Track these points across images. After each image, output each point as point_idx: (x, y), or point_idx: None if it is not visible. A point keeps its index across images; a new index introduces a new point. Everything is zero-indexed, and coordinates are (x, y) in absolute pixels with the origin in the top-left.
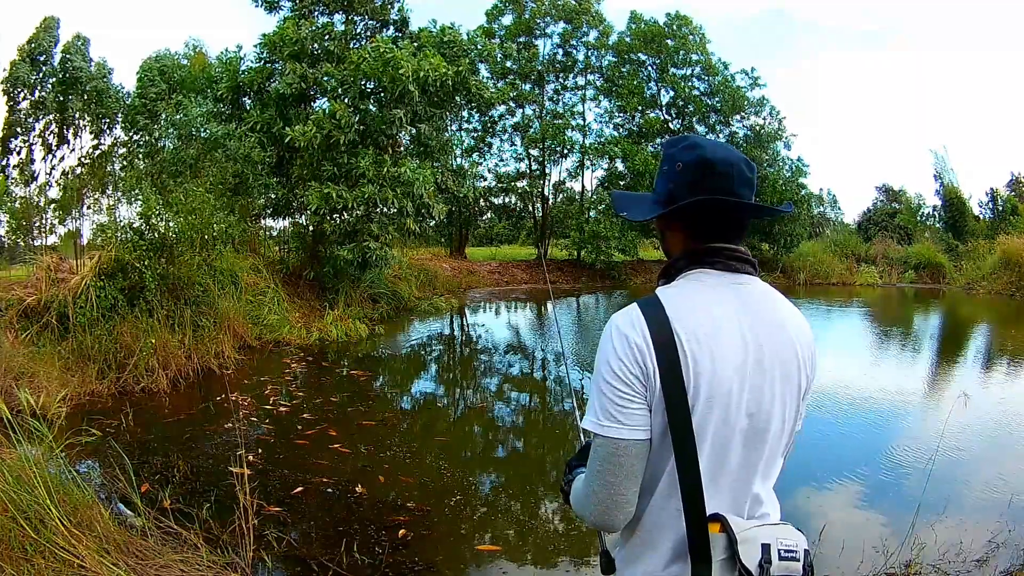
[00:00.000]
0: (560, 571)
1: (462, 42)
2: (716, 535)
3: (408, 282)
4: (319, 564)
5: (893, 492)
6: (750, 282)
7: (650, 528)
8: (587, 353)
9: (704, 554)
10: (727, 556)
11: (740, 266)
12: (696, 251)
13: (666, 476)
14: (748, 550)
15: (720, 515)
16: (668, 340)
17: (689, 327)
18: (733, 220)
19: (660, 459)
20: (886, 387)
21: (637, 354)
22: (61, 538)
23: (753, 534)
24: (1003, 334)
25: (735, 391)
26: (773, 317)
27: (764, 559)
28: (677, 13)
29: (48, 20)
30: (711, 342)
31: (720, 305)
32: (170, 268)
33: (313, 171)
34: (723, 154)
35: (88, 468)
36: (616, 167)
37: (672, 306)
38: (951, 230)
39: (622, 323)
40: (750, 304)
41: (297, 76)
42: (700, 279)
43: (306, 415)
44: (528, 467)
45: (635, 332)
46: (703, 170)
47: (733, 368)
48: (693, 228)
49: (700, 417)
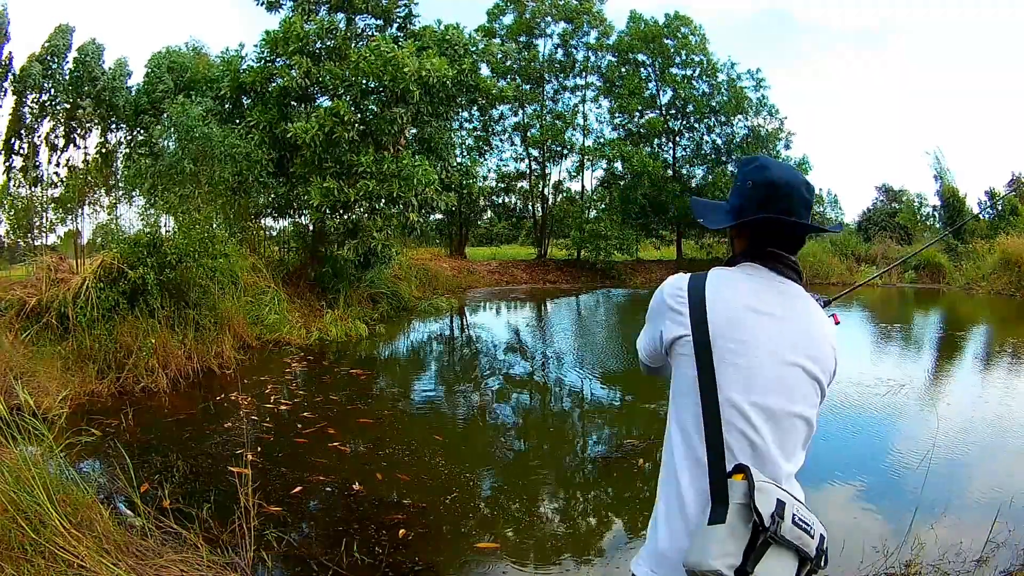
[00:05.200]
0: (560, 570)
1: (464, 41)
2: (737, 482)
3: (408, 282)
4: (319, 564)
5: (892, 492)
6: (791, 286)
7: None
8: (588, 351)
9: (723, 495)
10: (744, 503)
11: (786, 271)
12: (755, 253)
13: (693, 421)
14: (763, 499)
15: (745, 466)
16: (699, 302)
17: (726, 297)
18: (789, 235)
19: (691, 405)
20: (886, 387)
21: (664, 310)
22: (61, 538)
23: (771, 488)
24: (1003, 334)
25: (763, 358)
26: (803, 317)
27: (777, 512)
28: (677, 13)
29: (62, 27)
30: (742, 314)
31: (756, 293)
32: (172, 273)
33: (314, 168)
34: (787, 177)
35: (88, 468)
36: (616, 167)
37: (714, 276)
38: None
39: (668, 284)
40: (785, 301)
41: (302, 71)
42: (748, 270)
43: (306, 414)
44: (527, 465)
45: (672, 293)
46: (769, 191)
47: (755, 338)
48: (757, 238)
49: (728, 369)
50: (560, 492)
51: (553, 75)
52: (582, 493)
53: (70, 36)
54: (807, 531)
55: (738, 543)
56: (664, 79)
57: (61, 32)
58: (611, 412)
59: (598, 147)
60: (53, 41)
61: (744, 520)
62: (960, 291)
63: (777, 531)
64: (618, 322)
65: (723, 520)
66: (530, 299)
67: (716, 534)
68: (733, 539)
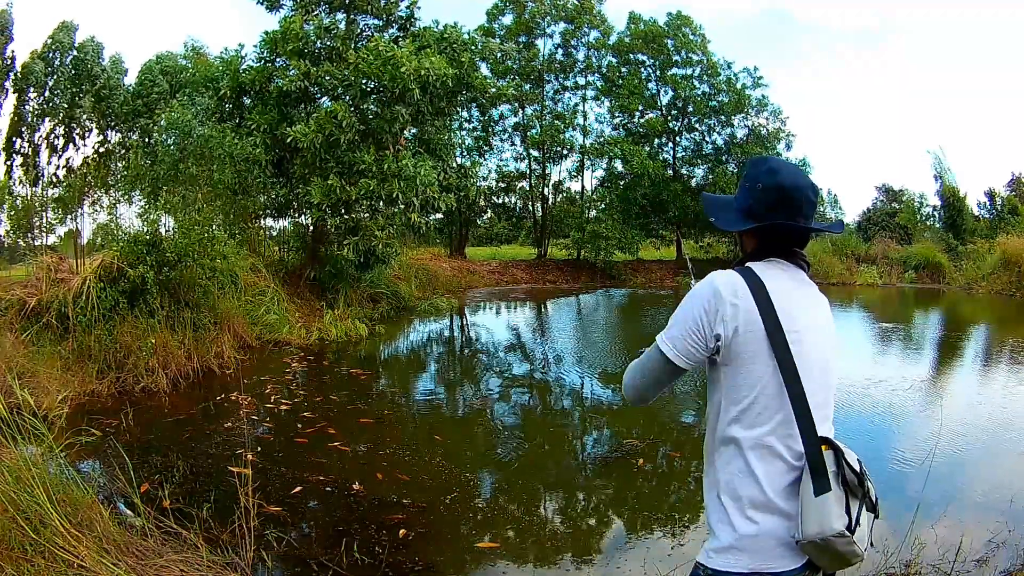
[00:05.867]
0: (560, 569)
1: (464, 41)
2: (827, 452)
3: (408, 282)
4: (319, 564)
5: (893, 492)
6: (805, 278)
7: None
8: (588, 351)
9: (821, 468)
10: (836, 470)
11: (804, 266)
12: (776, 250)
13: (779, 414)
14: (853, 462)
15: (827, 438)
16: (765, 298)
17: (777, 289)
18: (796, 236)
19: (779, 395)
20: (886, 386)
21: (721, 308)
22: (61, 538)
23: (850, 452)
24: (1003, 334)
25: (811, 344)
26: (817, 303)
27: (862, 470)
28: (678, 13)
29: (66, 24)
30: (792, 304)
31: (792, 281)
32: (172, 273)
33: (314, 169)
34: (795, 182)
35: (88, 468)
36: (616, 167)
37: (762, 272)
38: (951, 230)
39: (721, 282)
40: (804, 289)
41: (300, 73)
42: (781, 266)
43: (306, 414)
44: (527, 465)
45: (730, 291)
46: (779, 194)
47: (810, 331)
48: (768, 238)
49: (802, 359)
50: (560, 492)
51: (553, 75)
52: (582, 493)
53: (73, 34)
54: (869, 479)
55: (842, 504)
56: (664, 79)
57: (64, 29)
58: (611, 412)
59: (599, 146)
60: (56, 38)
61: (840, 484)
62: (960, 291)
63: (868, 489)
64: (618, 322)
65: (829, 489)
66: (530, 299)
67: (827, 501)
68: (839, 502)
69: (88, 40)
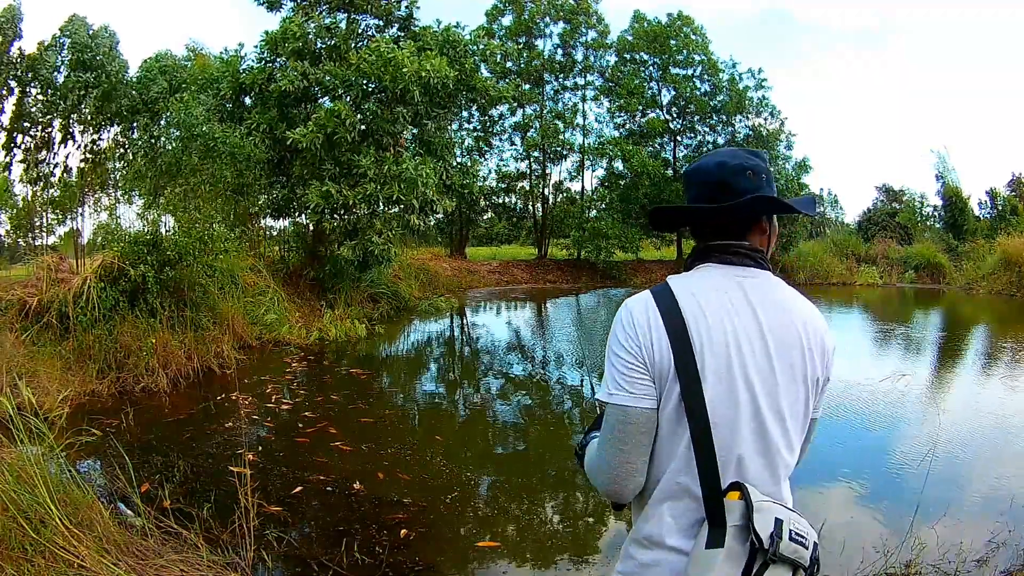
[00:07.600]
0: (561, 569)
1: (465, 42)
2: (734, 502)
3: (408, 282)
4: (319, 564)
5: (893, 492)
6: (756, 275)
7: (663, 499)
8: (588, 351)
9: (720, 519)
10: (742, 523)
11: (742, 260)
12: (701, 248)
13: (682, 449)
14: (762, 519)
15: (741, 483)
16: (678, 319)
17: (693, 309)
18: (727, 221)
19: (675, 434)
20: (885, 386)
21: (644, 330)
22: (61, 538)
23: (769, 507)
24: (1004, 334)
25: (741, 369)
26: (779, 308)
27: (776, 532)
28: (680, 13)
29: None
30: (715, 323)
31: (724, 292)
32: (172, 272)
33: (314, 171)
34: (714, 159)
35: (88, 468)
36: (616, 167)
37: (679, 289)
38: (951, 230)
39: (634, 305)
40: (754, 294)
41: (299, 73)
42: (707, 271)
43: (306, 413)
44: (527, 464)
45: (643, 312)
46: (697, 178)
47: (736, 349)
48: (697, 236)
49: (710, 389)
50: (560, 491)
51: (553, 75)
52: (582, 493)
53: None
54: (803, 544)
55: (738, 566)
56: (665, 79)
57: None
58: None
59: (599, 145)
60: (66, 30)
61: (741, 541)
62: (960, 291)
63: (776, 551)
64: None
65: (722, 545)
66: (530, 299)
67: (714, 558)
68: (732, 562)
69: (100, 29)
